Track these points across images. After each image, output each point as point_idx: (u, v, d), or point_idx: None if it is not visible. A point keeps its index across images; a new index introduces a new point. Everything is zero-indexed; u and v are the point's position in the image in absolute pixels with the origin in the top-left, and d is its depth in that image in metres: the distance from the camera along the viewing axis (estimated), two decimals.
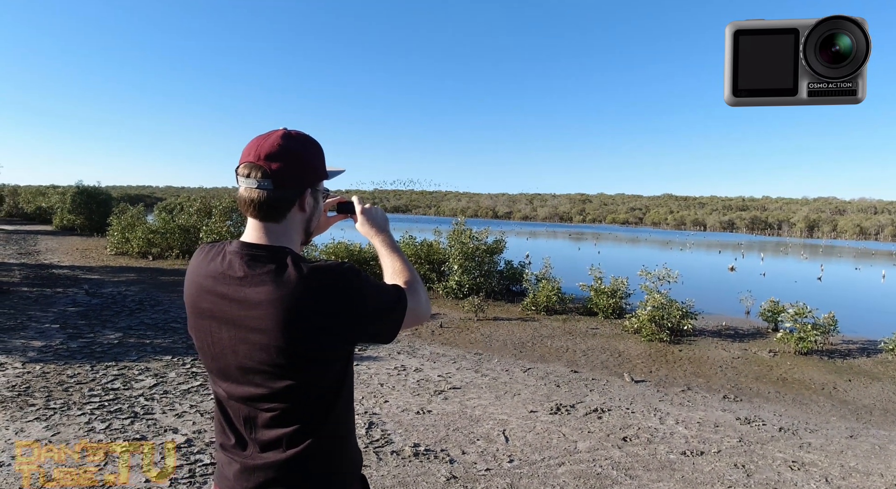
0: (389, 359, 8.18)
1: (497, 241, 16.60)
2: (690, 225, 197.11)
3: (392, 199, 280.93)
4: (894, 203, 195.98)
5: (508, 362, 8.97)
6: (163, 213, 22.61)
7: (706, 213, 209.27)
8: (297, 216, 1.39)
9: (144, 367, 6.84)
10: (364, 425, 5.40)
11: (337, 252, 16.39)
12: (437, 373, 7.60)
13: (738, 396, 8.10)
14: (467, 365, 8.38)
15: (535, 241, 61.01)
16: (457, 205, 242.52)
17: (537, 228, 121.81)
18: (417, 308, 1.46)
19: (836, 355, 11.33)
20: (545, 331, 11.84)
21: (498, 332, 11.47)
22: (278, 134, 1.33)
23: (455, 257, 15.66)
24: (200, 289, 1.34)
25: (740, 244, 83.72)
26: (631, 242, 74.14)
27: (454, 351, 9.50)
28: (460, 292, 15.20)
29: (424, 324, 11.65)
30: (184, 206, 22.89)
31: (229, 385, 1.33)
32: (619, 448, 5.28)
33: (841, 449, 5.91)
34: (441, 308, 13.92)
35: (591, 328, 12.52)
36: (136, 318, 9.82)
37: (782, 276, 32.09)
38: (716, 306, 16.48)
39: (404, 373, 7.49)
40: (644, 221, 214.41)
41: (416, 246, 16.99)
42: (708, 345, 11.50)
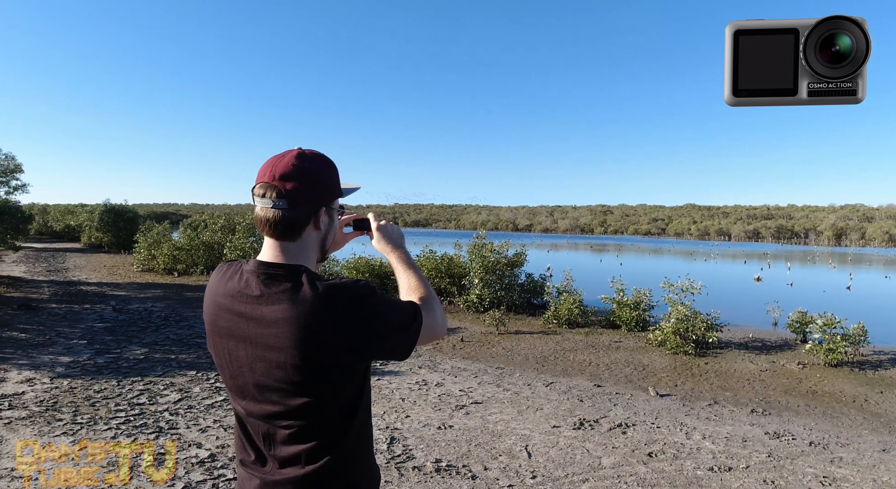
0: (411, 374, 8.17)
1: (518, 254, 16.54)
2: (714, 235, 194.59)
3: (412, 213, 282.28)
4: None
5: (530, 376, 8.90)
6: (188, 230, 22.99)
7: (730, 222, 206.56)
8: (313, 234, 1.41)
9: (169, 383, 6.93)
10: (386, 440, 5.40)
11: (357, 267, 16.48)
12: (458, 388, 7.57)
13: (766, 410, 7.93)
14: (489, 379, 8.33)
15: (557, 254, 60.71)
16: (477, 218, 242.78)
17: (558, 241, 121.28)
18: (433, 324, 1.46)
19: (867, 366, 11.04)
20: (567, 345, 11.73)
21: (519, 346, 11.40)
22: (293, 154, 1.36)
23: (476, 271, 15.63)
24: (218, 308, 1.37)
25: (766, 254, 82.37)
26: (654, 254, 73.39)
27: (475, 365, 9.46)
28: (481, 306, 15.15)
29: (445, 339, 11.63)
30: (208, 223, 23.24)
31: (247, 402, 1.35)
32: (644, 464, 5.20)
33: (873, 463, 5.74)
34: (462, 322, 13.89)
35: (614, 341, 12.38)
36: (162, 334, 9.97)
37: (810, 286, 31.43)
38: (742, 318, 16.19)
39: (426, 387, 7.48)
40: (667, 232, 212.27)
41: (436, 260, 17.01)
42: (735, 358, 11.29)
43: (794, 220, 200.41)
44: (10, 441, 4.89)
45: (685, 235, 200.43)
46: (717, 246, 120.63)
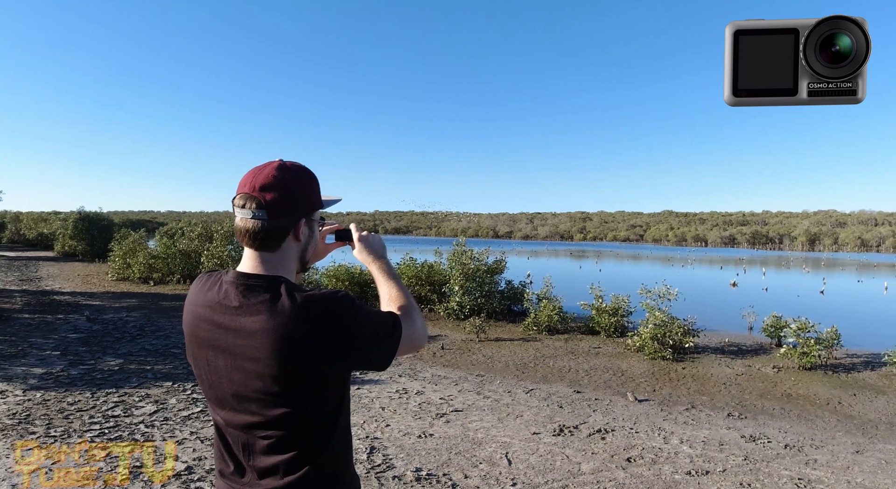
0: (391, 383, 8.14)
1: (498, 262, 16.61)
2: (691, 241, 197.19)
3: (393, 221, 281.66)
4: (895, 214, 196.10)
5: (510, 383, 8.92)
6: (164, 238, 22.71)
7: (707, 228, 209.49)
8: (293, 245, 1.41)
9: (145, 394, 6.81)
10: (365, 450, 5.37)
11: (337, 275, 16.42)
12: (438, 396, 7.56)
13: (742, 414, 8.04)
14: (469, 387, 8.34)
15: (537, 261, 61.02)
16: (457, 225, 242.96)
17: (538, 247, 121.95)
18: (413, 335, 1.46)
19: (841, 369, 11.27)
20: (547, 351, 11.79)
21: (500, 353, 11.43)
22: (273, 165, 1.37)
23: (456, 278, 15.66)
24: (198, 318, 1.37)
25: (742, 259, 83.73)
26: (632, 260, 74.19)
27: (456, 373, 9.46)
28: (461, 313, 15.17)
29: (426, 347, 11.60)
30: (185, 230, 22.98)
31: (226, 413, 1.34)
32: (623, 469, 5.24)
33: (847, 465, 5.85)
34: (442, 329, 13.89)
35: (593, 347, 12.47)
36: (137, 344, 9.80)
37: (785, 291, 32.04)
38: (718, 323, 16.43)
39: (406, 396, 7.46)
40: (645, 238, 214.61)
41: (416, 267, 17.01)
42: (711, 363, 11.44)
43: (769, 226, 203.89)
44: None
45: (663, 241, 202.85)
46: (694, 252, 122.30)
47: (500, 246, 22.60)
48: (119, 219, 56.42)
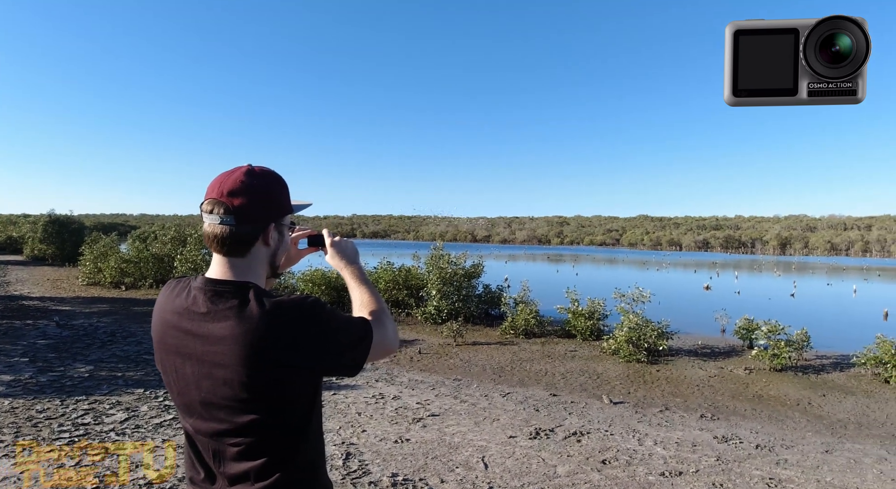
0: (367, 388, 8.10)
1: (475, 266, 16.65)
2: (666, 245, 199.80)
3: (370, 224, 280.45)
4: (863, 219, 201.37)
5: (487, 387, 8.94)
6: (136, 241, 22.34)
7: (681, 233, 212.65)
8: (262, 251, 1.40)
9: (116, 401, 6.68)
10: (341, 456, 5.33)
11: (314, 279, 16.30)
12: (415, 401, 7.54)
13: (715, 415, 8.16)
14: (446, 391, 8.33)
15: (514, 265, 61.29)
16: (435, 229, 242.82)
17: (516, 251, 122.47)
18: (384, 340, 1.46)
19: (811, 370, 11.51)
20: (524, 355, 11.84)
21: (477, 357, 11.45)
22: (242, 170, 1.36)
23: (433, 282, 15.65)
24: (166, 325, 1.36)
25: (715, 263, 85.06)
26: (608, 263, 74.92)
27: (433, 377, 9.45)
28: (439, 317, 15.16)
29: (403, 351, 11.58)
30: (158, 234, 22.64)
31: (195, 420, 1.33)
32: (598, 471, 5.28)
33: (817, 464, 5.97)
34: (420, 334, 13.86)
35: (569, 350, 12.56)
36: (108, 351, 9.61)
37: (756, 294, 32.61)
38: (692, 325, 16.66)
39: (382, 401, 7.42)
40: (621, 242, 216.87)
41: (394, 272, 16.96)
42: (685, 365, 11.60)
43: (742, 231, 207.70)
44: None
45: (638, 245, 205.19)
46: (669, 255, 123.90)
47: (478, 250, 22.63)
48: (90, 222, 55.34)
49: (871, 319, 21.19)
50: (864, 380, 10.80)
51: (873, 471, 5.89)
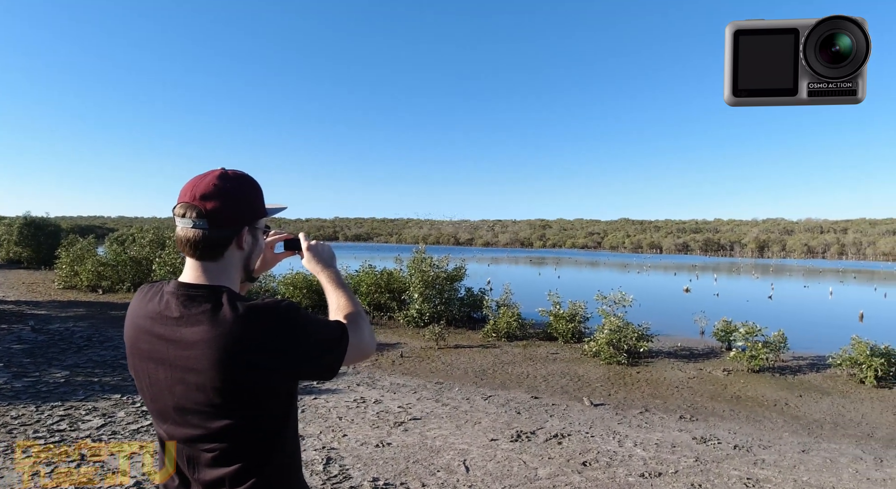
0: (349, 392, 8.06)
1: (457, 269, 16.66)
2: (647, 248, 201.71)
3: (353, 227, 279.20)
4: (839, 223, 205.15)
5: (469, 390, 8.94)
6: (114, 244, 22.02)
7: (661, 236, 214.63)
8: (236, 254, 1.39)
9: (92, 407, 6.57)
10: (322, 461, 5.29)
11: (295, 283, 16.20)
12: (397, 405, 7.52)
13: (694, 416, 8.25)
14: (428, 394, 8.32)
15: (497, 268, 61.41)
16: (418, 232, 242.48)
17: (499, 254, 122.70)
18: (360, 344, 1.45)
19: (788, 371, 11.69)
20: (506, 358, 11.87)
21: (459, 360, 11.45)
22: (215, 174, 1.35)
23: (415, 285, 15.64)
24: (138, 330, 1.34)
25: (695, 266, 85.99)
26: (590, 266, 75.43)
27: (415, 381, 9.43)
28: (421, 321, 15.15)
29: (385, 355, 11.56)
30: (136, 237, 22.33)
31: (169, 426, 1.32)
32: (578, 473, 5.30)
33: (794, 464, 6.06)
34: (402, 337, 13.83)
35: (551, 353, 12.62)
36: (85, 356, 9.45)
37: (735, 296, 33.03)
38: (672, 327, 16.84)
39: (364, 405, 7.39)
40: (602, 245, 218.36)
41: (376, 275, 16.91)
42: (664, 366, 11.71)
43: (721, 234, 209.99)
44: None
45: (620, 248, 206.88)
46: (650, 258, 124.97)
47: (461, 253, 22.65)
48: (67, 224, 54.41)
49: (847, 321, 21.56)
50: (839, 381, 10.99)
51: (849, 470, 5.99)
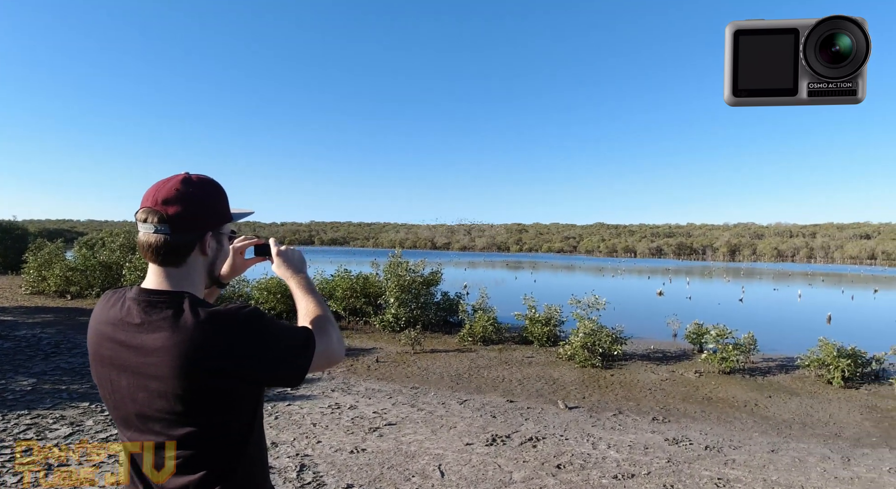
0: (323, 398, 8.00)
1: (434, 273, 16.66)
2: (621, 252, 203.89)
3: (329, 231, 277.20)
4: (807, 227, 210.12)
5: (445, 395, 8.93)
6: (83, 248, 21.58)
7: (636, 240, 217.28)
8: (199, 260, 1.38)
9: (60, 416, 6.41)
10: (295, 468, 5.24)
11: (270, 287, 16.04)
12: (372, 410, 7.48)
13: (666, 417, 8.36)
14: (403, 400, 8.29)
15: (474, 272, 61.55)
16: (395, 236, 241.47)
17: (476, 258, 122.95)
18: (327, 350, 1.43)
19: (757, 373, 11.91)
20: (482, 362, 11.89)
21: (435, 365, 11.43)
22: (178, 179, 1.33)
23: (391, 290, 15.59)
24: (101, 336, 1.32)
25: (668, 269, 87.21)
26: (566, 270, 75.95)
27: (390, 386, 9.39)
28: (397, 325, 15.11)
29: (360, 360, 11.50)
30: (105, 241, 21.92)
31: (132, 433, 1.29)
32: (553, 476, 5.33)
33: (763, 464, 6.17)
34: (377, 342, 13.77)
35: (526, 357, 12.68)
36: (52, 363, 9.24)
37: (707, 299, 33.55)
38: (645, 330, 17.04)
39: (338, 411, 7.34)
40: (578, 249, 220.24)
41: (351, 279, 16.82)
42: (638, 369, 11.84)
43: (693, 238, 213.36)
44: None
45: (595, 252, 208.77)
46: (624, 262, 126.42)
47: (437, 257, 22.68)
48: (35, 228, 53.15)
49: (815, 323, 22.05)
50: (808, 382, 11.23)
51: (817, 469, 6.12)
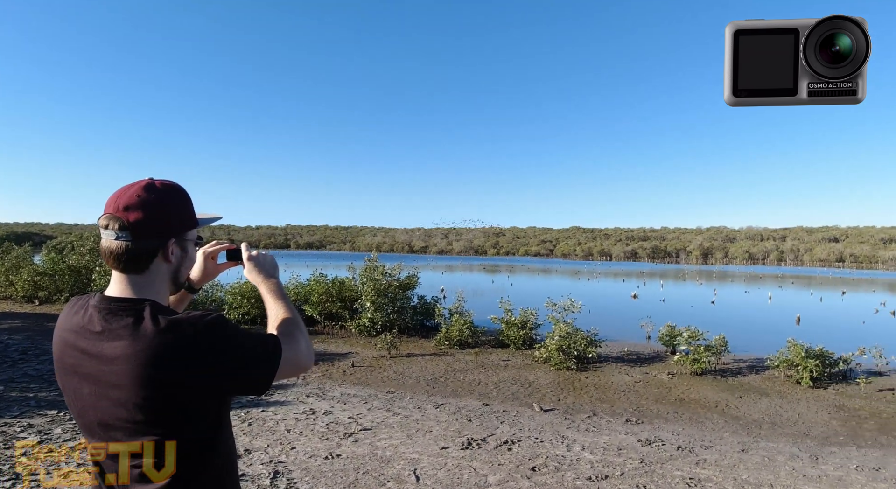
0: (298, 403, 7.93)
1: (410, 277, 16.64)
2: (597, 255, 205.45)
3: (305, 235, 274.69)
4: (778, 230, 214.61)
5: (421, 399, 8.93)
6: (52, 252, 21.18)
7: (611, 243, 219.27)
8: (162, 267, 1.36)
9: (27, 424, 6.27)
10: (269, 475, 5.19)
11: (243, 292, 15.87)
12: (347, 415, 7.44)
13: (639, 419, 8.46)
14: (379, 404, 8.27)
15: (451, 275, 61.57)
16: (372, 240, 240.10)
17: (453, 262, 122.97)
18: (295, 357, 1.41)
19: (728, 374, 12.12)
20: (458, 366, 11.91)
21: (411, 369, 11.42)
22: (140, 185, 1.32)
23: (367, 294, 15.53)
24: (64, 344, 1.31)
25: (643, 272, 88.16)
26: (543, 273, 76.38)
27: (366, 391, 9.35)
28: (373, 330, 15.05)
29: (335, 365, 11.44)
30: (75, 245, 21.52)
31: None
32: (528, 478, 5.36)
33: (734, 463, 6.28)
34: (353, 347, 13.71)
35: (502, 360, 12.73)
36: (19, 370, 9.04)
37: (680, 302, 34.03)
38: (620, 333, 17.23)
39: (313, 416, 7.28)
40: (554, 253, 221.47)
41: (327, 284, 16.72)
42: (612, 371, 11.97)
43: (667, 241, 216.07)
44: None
45: (571, 256, 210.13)
46: (600, 265, 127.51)
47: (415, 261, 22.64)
48: (2, 231, 51.98)
49: (785, 324, 22.50)
50: (777, 382, 11.46)
51: (786, 468, 6.25)
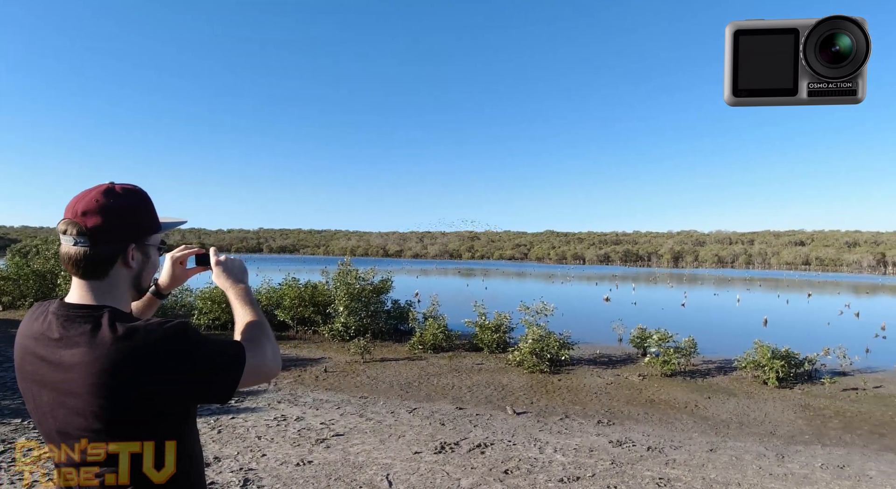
0: (269, 410, 7.84)
1: (384, 281, 16.59)
2: (571, 259, 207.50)
3: (278, 239, 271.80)
4: (746, 234, 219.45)
5: (394, 404, 8.89)
6: (16, 256, 20.60)
7: (584, 247, 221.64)
8: (123, 272, 1.33)
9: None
10: (239, 483, 5.11)
11: (213, 297, 15.63)
12: (319, 421, 7.38)
13: (611, 420, 8.55)
14: (351, 410, 8.21)
15: (426, 279, 61.48)
16: (346, 244, 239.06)
17: (428, 266, 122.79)
18: (260, 365, 1.38)
19: (698, 375, 12.32)
20: (432, 370, 11.90)
21: (384, 374, 11.37)
22: (99, 189, 1.29)
23: (341, 298, 15.44)
24: (24, 351, 1.28)
25: (615, 276, 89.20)
26: (517, 277, 76.73)
27: (339, 396, 9.28)
28: (346, 334, 14.96)
29: (308, 370, 11.33)
30: (40, 248, 20.96)
31: (56, 450, 1.25)
32: (500, 481, 5.37)
33: (702, 462, 6.38)
34: (326, 351, 13.60)
35: (476, 363, 12.75)
36: None
37: (651, 305, 34.50)
38: (592, 335, 17.39)
39: (284, 423, 7.20)
40: (529, 257, 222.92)
41: (300, 288, 16.57)
42: (584, 373, 12.08)
43: (639, 245, 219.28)
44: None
45: (545, 259, 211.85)
46: (573, 269, 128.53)
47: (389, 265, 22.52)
48: None
49: (753, 326, 22.97)
50: (745, 383, 11.69)
51: (753, 466, 6.38)
